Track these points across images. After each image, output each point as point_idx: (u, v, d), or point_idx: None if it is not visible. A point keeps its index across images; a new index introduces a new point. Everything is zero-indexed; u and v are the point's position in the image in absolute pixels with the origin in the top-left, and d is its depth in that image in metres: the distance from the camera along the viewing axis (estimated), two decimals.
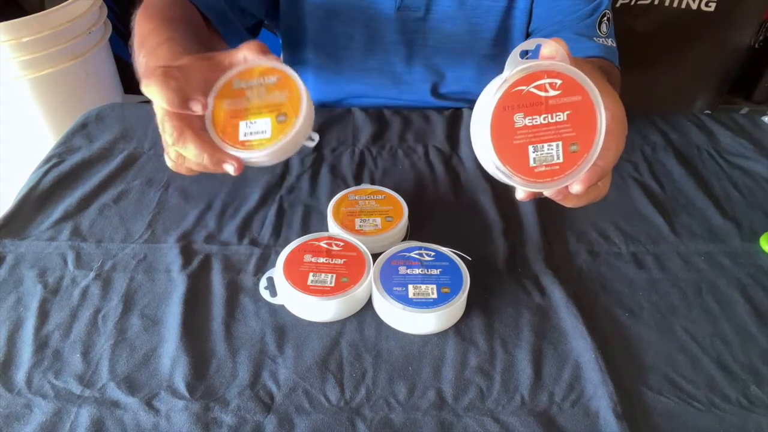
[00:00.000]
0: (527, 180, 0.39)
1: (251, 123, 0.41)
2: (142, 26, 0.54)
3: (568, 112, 0.38)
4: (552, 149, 0.38)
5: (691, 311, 0.55)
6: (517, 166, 0.38)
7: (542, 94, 0.37)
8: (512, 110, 0.37)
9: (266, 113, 0.41)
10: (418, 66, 0.83)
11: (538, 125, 0.38)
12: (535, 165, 0.39)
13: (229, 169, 0.42)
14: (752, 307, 0.55)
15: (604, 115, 0.38)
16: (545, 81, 0.37)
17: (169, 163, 0.44)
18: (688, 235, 0.64)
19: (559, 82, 0.37)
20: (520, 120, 0.38)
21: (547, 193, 0.40)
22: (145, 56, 0.50)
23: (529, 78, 0.37)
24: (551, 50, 0.38)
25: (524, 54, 0.38)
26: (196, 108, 0.39)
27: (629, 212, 0.67)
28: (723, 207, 0.68)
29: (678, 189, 0.71)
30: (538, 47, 0.39)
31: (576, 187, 0.39)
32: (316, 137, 0.44)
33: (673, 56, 1.38)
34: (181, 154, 0.42)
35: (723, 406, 0.47)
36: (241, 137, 0.42)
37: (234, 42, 0.71)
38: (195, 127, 0.42)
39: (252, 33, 0.75)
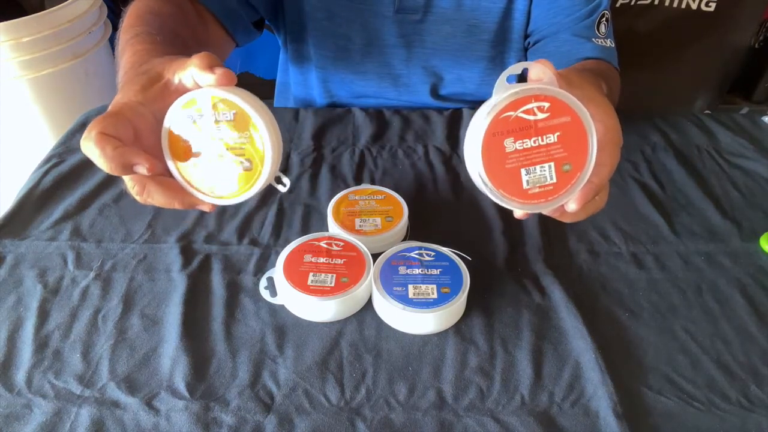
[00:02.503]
0: (522, 202, 0.40)
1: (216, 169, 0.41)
2: (123, 23, 0.54)
3: (558, 133, 0.38)
4: (544, 170, 0.39)
5: (691, 311, 0.55)
6: (511, 190, 0.39)
7: (531, 117, 0.38)
8: (502, 136, 0.38)
9: (230, 159, 0.40)
10: (416, 68, 0.83)
11: (529, 148, 0.38)
12: (528, 187, 0.39)
13: (204, 208, 0.42)
14: (752, 307, 0.55)
15: (594, 134, 0.38)
16: (533, 105, 0.38)
17: (137, 199, 0.42)
18: (688, 235, 0.64)
19: (546, 104, 0.38)
20: (510, 145, 0.38)
21: (544, 211, 0.41)
22: (119, 55, 0.49)
23: (516, 103, 0.37)
24: (538, 73, 0.38)
25: (512, 79, 0.38)
26: (141, 171, 0.37)
27: (629, 212, 0.67)
28: (723, 207, 0.68)
29: (678, 189, 0.71)
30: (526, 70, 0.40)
31: (571, 206, 0.40)
32: (287, 182, 0.43)
33: (673, 56, 1.38)
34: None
35: (723, 406, 0.47)
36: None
37: (241, 37, 0.71)
38: (156, 176, 0.40)
39: (258, 27, 0.75)
